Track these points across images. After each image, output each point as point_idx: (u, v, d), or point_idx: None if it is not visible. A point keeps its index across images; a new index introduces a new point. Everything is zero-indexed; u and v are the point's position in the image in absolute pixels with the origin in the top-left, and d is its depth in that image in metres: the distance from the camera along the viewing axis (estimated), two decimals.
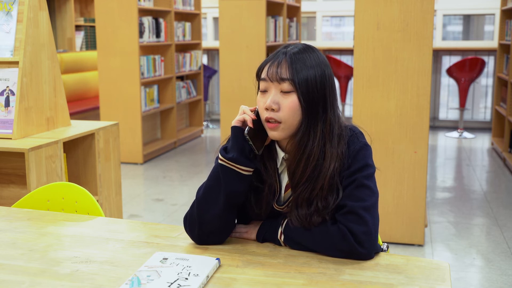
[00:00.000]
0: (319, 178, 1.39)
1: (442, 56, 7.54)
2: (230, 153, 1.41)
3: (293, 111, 1.38)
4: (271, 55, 1.44)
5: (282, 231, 1.44)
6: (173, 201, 4.45)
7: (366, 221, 1.35)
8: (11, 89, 2.63)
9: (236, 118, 1.44)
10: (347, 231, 1.35)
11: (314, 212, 1.39)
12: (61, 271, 1.31)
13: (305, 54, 1.40)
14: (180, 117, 6.89)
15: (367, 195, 1.38)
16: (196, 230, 1.45)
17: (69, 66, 6.76)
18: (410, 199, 3.44)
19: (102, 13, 5.52)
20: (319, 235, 1.39)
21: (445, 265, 1.32)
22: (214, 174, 1.44)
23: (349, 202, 1.37)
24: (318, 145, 1.39)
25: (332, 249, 1.38)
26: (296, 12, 7.05)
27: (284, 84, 1.38)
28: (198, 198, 1.45)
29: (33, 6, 2.70)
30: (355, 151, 1.41)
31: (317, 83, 1.38)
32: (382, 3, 3.28)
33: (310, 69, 1.38)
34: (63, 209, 1.87)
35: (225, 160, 1.41)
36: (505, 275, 3.08)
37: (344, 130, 1.44)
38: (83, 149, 2.90)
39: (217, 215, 1.43)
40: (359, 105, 3.38)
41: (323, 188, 1.39)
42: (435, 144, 6.64)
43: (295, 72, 1.37)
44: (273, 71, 1.39)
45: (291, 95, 1.38)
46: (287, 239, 1.43)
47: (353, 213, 1.36)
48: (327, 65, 1.44)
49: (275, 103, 1.38)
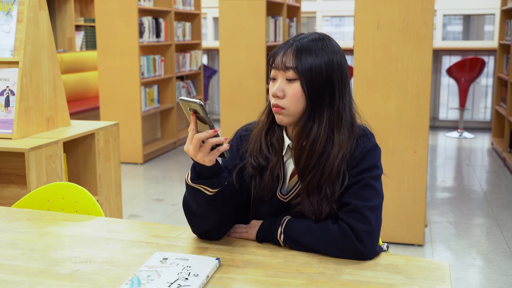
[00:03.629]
0: (327, 164, 1.40)
1: (442, 56, 7.54)
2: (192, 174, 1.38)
3: (296, 98, 1.41)
4: (283, 44, 1.47)
5: (282, 231, 1.43)
6: (173, 201, 4.45)
7: (369, 220, 1.36)
8: (11, 89, 2.63)
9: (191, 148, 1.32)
10: (349, 229, 1.35)
11: (324, 199, 1.40)
12: (61, 271, 1.31)
13: (313, 42, 1.43)
14: (180, 117, 6.88)
15: (372, 195, 1.39)
16: (191, 228, 1.49)
17: (69, 66, 6.75)
18: (410, 199, 3.44)
19: (102, 13, 5.52)
20: (320, 233, 1.39)
21: (445, 265, 1.32)
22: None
23: (354, 200, 1.38)
24: (324, 131, 1.41)
25: (332, 248, 1.37)
26: (296, 12, 7.05)
27: (288, 72, 1.42)
28: (185, 209, 1.47)
29: (33, 6, 2.70)
30: (366, 150, 1.43)
31: (323, 71, 1.41)
32: (382, 3, 3.28)
33: (316, 57, 1.41)
34: (63, 209, 1.87)
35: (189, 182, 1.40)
36: (505, 275, 3.08)
37: (354, 117, 1.48)
38: (83, 149, 2.90)
39: (203, 218, 1.43)
40: (359, 105, 3.33)
41: (332, 174, 1.40)
42: (435, 144, 6.64)
43: (299, 61, 1.40)
44: (279, 59, 1.43)
45: (295, 83, 1.42)
46: (286, 239, 1.43)
47: (357, 211, 1.36)
48: (338, 53, 1.45)
49: (280, 91, 1.42)
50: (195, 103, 1.25)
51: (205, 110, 1.26)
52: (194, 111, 1.28)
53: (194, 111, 1.28)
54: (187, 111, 1.29)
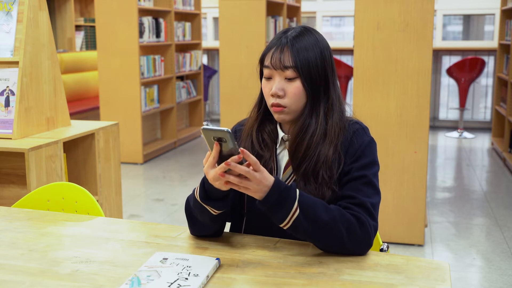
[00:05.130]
0: (321, 153, 1.42)
1: (442, 56, 7.54)
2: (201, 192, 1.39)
3: (298, 96, 1.43)
4: (273, 41, 1.47)
5: (298, 204, 1.31)
6: (173, 201, 4.45)
7: (375, 217, 1.39)
8: (11, 89, 2.63)
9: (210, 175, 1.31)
10: (365, 220, 1.35)
11: (323, 184, 1.41)
12: (61, 271, 1.31)
13: (304, 37, 1.43)
14: (180, 117, 6.89)
15: (373, 194, 1.42)
16: (190, 229, 1.51)
17: (69, 66, 6.75)
18: (410, 199, 3.44)
19: (102, 13, 5.52)
20: (336, 213, 1.33)
21: (445, 265, 1.32)
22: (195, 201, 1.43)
23: (358, 195, 1.39)
24: (321, 124, 1.43)
25: (341, 236, 1.32)
26: (296, 12, 7.05)
27: (287, 71, 1.42)
28: (187, 213, 1.49)
29: (33, 6, 2.70)
30: (364, 144, 1.45)
31: (318, 65, 1.42)
32: (382, 3, 3.28)
33: (311, 52, 1.42)
34: (63, 209, 1.87)
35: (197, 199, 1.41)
36: (505, 275, 3.08)
37: (343, 104, 1.50)
38: (83, 149, 2.90)
39: (205, 226, 1.46)
40: (359, 105, 3.38)
41: (327, 161, 1.41)
42: (435, 144, 6.64)
43: (298, 59, 1.41)
44: (276, 59, 1.42)
45: (295, 81, 1.42)
46: (301, 210, 1.30)
47: (364, 206, 1.38)
48: (325, 44, 1.47)
49: (280, 90, 1.42)
50: (223, 131, 1.19)
51: (233, 137, 1.21)
52: (219, 139, 1.22)
53: (219, 139, 1.22)
54: (211, 140, 1.23)
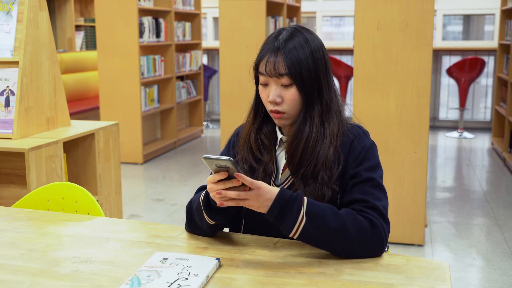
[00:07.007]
0: (320, 156, 1.42)
1: (442, 56, 7.54)
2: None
3: (295, 102, 1.44)
4: (266, 47, 1.46)
5: (305, 211, 1.30)
6: (173, 201, 4.45)
7: (387, 220, 1.39)
8: (11, 89, 2.63)
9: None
10: (378, 223, 1.35)
11: (323, 184, 1.41)
12: (61, 271, 1.31)
13: (297, 41, 1.43)
14: (180, 117, 6.88)
15: (383, 197, 1.43)
16: (187, 227, 1.53)
17: (69, 66, 6.75)
18: (410, 199, 3.44)
19: (102, 13, 5.52)
20: (345, 219, 1.31)
21: (445, 265, 1.32)
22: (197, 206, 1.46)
23: (370, 199, 1.39)
24: (316, 127, 1.44)
25: (351, 241, 1.31)
26: (296, 12, 7.05)
27: (283, 78, 1.42)
28: (187, 212, 1.51)
29: (33, 6, 2.70)
30: (367, 147, 1.46)
31: (311, 69, 1.43)
32: (382, 3, 3.28)
33: (303, 56, 1.42)
34: (63, 209, 1.87)
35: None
36: (505, 275, 3.08)
37: (342, 106, 1.49)
38: (83, 149, 2.90)
39: (201, 230, 1.49)
40: (359, 105, 3.38)
41: (326, 163, 1.42)
42: (435, 144, 6.64)
43: (291, 65, 1.41)
44: (270, 67, 1.42)
45: (291, 88, 1.43)
46: (309, 219, 1.30)
47: (377, 209, 1.37)
48: (317, 44, 1.46)
49: (278, 97, 1.44)
50: (225, 160, 1.23)
51: (237, 165, 1.24)
52: (222, 166, 1.25)
53: (223, 167, 1.25)
54: (214, 167, 1.27)
